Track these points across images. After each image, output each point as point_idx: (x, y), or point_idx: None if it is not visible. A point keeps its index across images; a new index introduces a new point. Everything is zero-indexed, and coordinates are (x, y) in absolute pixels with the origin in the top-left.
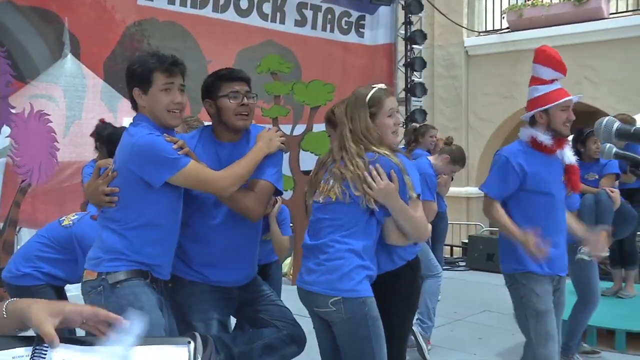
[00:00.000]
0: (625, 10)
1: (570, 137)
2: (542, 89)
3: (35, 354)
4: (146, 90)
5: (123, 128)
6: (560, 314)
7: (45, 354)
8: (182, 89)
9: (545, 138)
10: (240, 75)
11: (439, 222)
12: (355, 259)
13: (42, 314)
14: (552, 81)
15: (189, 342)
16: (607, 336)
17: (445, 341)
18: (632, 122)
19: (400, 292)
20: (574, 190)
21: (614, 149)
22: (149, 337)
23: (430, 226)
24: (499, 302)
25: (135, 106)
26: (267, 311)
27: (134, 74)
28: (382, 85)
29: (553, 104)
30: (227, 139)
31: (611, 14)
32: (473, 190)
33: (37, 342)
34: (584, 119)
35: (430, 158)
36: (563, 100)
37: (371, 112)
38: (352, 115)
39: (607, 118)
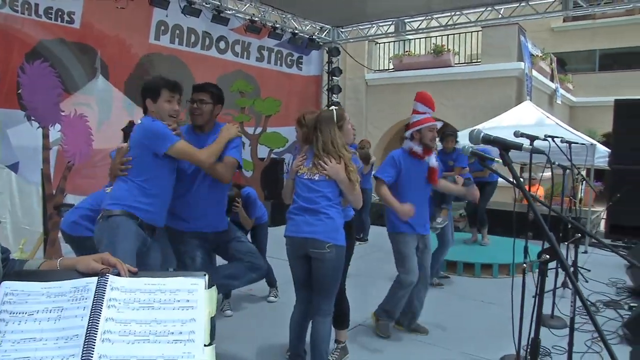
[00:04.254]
0: (464, 62)
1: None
2: (417, 117)
3: (101, 279)
4: (155, 100)
5: None
6: (428, 257)
7: (107, 279)
8: (179, 101)
9: (418, 149)
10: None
11: (367, 196)
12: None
13: (89, 260)
14: (424, 113)
15: (205, 275)
16: (453, 266)
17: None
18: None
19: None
20: (432, 183)
21: (471, 149)
22: (174, 271)
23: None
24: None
25: (145, 111)
26: (236, 248)
27: (149, 88)
28: (336, 107)
29: (423, 126)
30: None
31: (456, 63)
32: None
33: (99, 274)
34: (441, 128)
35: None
36: (429, 124)
37: (339, 125)
38: (331, 129)
39: (475, 129)
